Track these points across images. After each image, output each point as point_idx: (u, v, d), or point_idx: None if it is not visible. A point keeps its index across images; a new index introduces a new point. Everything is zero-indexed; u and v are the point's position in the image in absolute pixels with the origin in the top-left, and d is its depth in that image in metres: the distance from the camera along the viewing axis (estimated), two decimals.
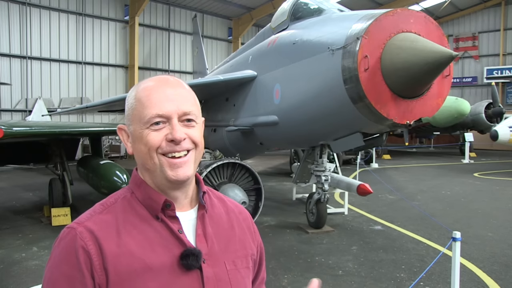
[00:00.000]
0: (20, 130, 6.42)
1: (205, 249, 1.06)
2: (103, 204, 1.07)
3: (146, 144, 1.02)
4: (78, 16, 19.00)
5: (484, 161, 18.88)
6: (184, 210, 1.10)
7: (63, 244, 0.99)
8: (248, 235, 1.21)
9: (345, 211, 8.10)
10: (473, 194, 10.37)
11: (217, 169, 6.56)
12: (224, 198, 1.26)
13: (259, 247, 1.25)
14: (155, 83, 1.07)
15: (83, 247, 0.96)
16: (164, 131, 1.02)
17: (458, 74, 27.77)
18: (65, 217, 7.20)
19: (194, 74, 18.46)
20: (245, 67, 7.55)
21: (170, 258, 1.00)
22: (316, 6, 6.19)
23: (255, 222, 3.54)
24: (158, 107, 1.02)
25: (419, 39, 4.11)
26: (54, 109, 16.80)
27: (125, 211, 1.05)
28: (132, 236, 1.00)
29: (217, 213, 1.17)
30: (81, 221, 1.02)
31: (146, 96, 1.04)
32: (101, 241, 0.97)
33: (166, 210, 1.05)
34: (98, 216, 1.03)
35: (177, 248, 1.02)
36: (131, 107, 1.06)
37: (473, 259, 5.40)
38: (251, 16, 24.09)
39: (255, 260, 1.21)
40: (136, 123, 1.04)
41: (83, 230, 0.98)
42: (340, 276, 4.85)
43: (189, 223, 1.08)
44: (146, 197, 1.06)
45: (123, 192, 1.11)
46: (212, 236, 1.10)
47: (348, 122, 5.06)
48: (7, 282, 4.65)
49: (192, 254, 1.00)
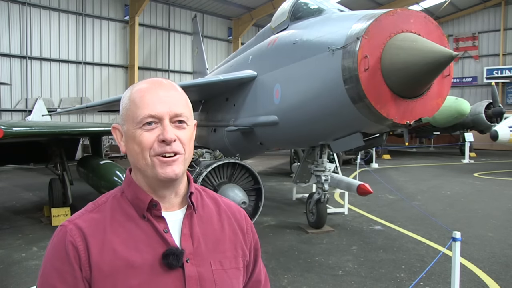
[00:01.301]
0: (20, 130, 6.42)
1: (190, 248, 1.07)
2: (94, 203, 1.12)
3: (139, 144, 1.05)
4: (78, 16, 19.01)
5: (484, 161, 18.88)
6: (173, 209, 1.12)
7: (55, 240, 1.05)
8: (240, 236, 1.21)
9: (345, 211, 8.10)
10: (473, 194, 10.37)
11: (217, 169, 6.55)
12: (219, 198, 1.27)
13: (253, 248, 1.25)
14: (148, 85, 1.11)
15: (72, 243, 1.01)
16: (156, 132, 1.05)
17: (458, 74, 27.77)
18: (65, 217, 7.18)
19: (194, 74, 18.45)
20: (245, 67, 7.54)
21: (153, 256, 1.03)
22: (316, 6, 6.19)
23: (255, 222, 3.56)
24: (151, 108, 1.05)
25: (419, 39, 4.11)
26: (54, 109, 16.80)
27: (114, 210, 1.09)
28: (117, 234, 1.04)
29: (207, 213, 1.18)
30: (72, 219, 1.08)
31: (140, 97, 1.07)
32: (88, 237, 1.02)
33: (153, 210, 1.08)
34: (89, 214, 1.09)
35: (161, 247, 1.04)
36: (125, 107, 1.10)
37: (473, 259, 5.40)
38: (251, 16, 24.10)
39: (247, 262, 1.21)
40: (129, 122, 1.08)
41: (73, 227, 1.04)
42: (340, 276, 4.84)
43: (175, 223, 1.10)
44: (134, 197, 1.10)
45: (114, 191, 1.16)
46: (199, 236, 1.11)
47: (348, 122, 5.06)
48: (7, 282, 4.66)
49: (173, 254, 1.03)
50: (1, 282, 4.64)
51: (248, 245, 1.23)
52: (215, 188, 6.38)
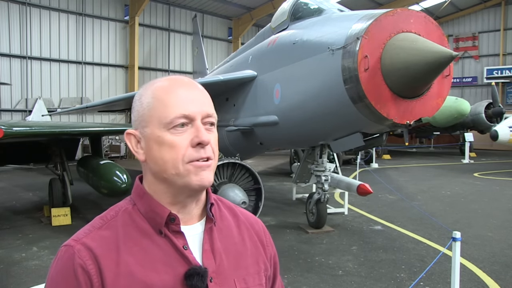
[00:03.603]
0: (20, 130, 6.42)
1: (213, 266, 0.97)
2: (102, 218, 0.99)
3: (170, 150, 0.92)
4: (78, 16, 19.00)
5: (484, 161, 18.88)
6: (190, 223, 1.01)
7: (61, 263, 0.92)
8: (261, 249, 1.11)
9: (345, 211, 8.10)
10: (473, 194, 10.37)
11: (217, 169, 6.55)
12: (235, 208, 1.16)
13: (272, 261, 1.16)
14: (172, 82, 0.98)
15: (82, 266, 0.89)
16: (187, 136, 0.93)
17: (458, 74, 27.76)
18: (65, 217, 7.21)
19: (194, 74, 18.45)
20: (245, 67, 7.55)
21: (173, 277, 0.92)
22: (316, 6, 6.19)
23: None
24: (183, 107, 0.93)
25: (419, 39, 4.11)
26: (54, 109, 16.80)
27: (126, 225, 0.96)
28: (132, 254, 0.92)
29: (226, 225, 1.07)
30: (79, 237, 0.94)
31: (167, 96, 0.94)
32: (100, 259, 0.90)
33: (170, 225, 0.96)
34: (97, 231, 0.95)
35: (182, 267, 0.93)
36: (147, 107, 0.95)
37: (473, 259, 5.40)
38: (251, 16, 24.09)
39: (269, 276, 1.12)
40: (154, 124, 0.94)
41: (82, 248, 0.91)
42: (340, 276, 4.84)
43: (195, 238, 0.99)
44: (148, 210, 0.97)
45: (124, 204, 1.02)
46: (221, 252, 1.01)
47: (348, 122, 5.06)
48: (7, 282, 4.65)
49: (197, 274, 0.92)
50: (1, 282, 4.63)
51: (269, 258, 1.13)
52: (215, 188, 6.38)
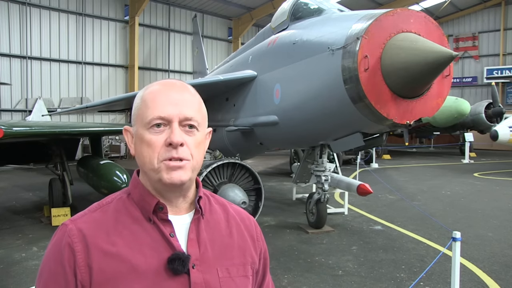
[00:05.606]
0: (20, 130, 6.42)
1: (196, 254, 1.04)
2: (99, 203, 1.09)
3: (147, 147, 1.02)
4: (78, 16, 19.01)
5: (484, 161, 18.88)
6: (180, 213, 1.09)
7: (54, 240, 1.03)
8: (249, 243, 1.17)
9: (345, 211, 8.10)
10: (473, 194, 10.37)
11: (217, 169, 6.55)
12: (228, 204, 1.23)
13: (262, 256, 1.21)
14: (161, 86, 1.08)
15: (70, 244, 0.98)
16: (164, 136, 1.01)
17: (458, 74, 27.78)
18: (65, 217, 7.20)
19: (194, 74, 18.46)
20: (245, 67, 7.54)
21: (158, 261, 1.00)
22: (316, 6, 6.19)
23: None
24: (160, 109, 1.02)
25: (419, 39, 4.11)
26: (54, 109, 16.81)
27: (119, 211, 1.06)
28: (122, 237, 1.01)
29: (215, 218, 1.15)
30: (74, 218, 1.04)
31: (151, 98, 1.04)
32: (89, 239, 0.99)
33: (159, 213, 1.05)
34: (91, 214, 1.05)
35: (166, 252, 1.01)
36: (136, 108, 1.07)
37: (473, 259, 5.40)
38: (251, 16, 24.10)
39: (256, 269, 1.17)
40: (138, 123, 1.05)
41: (73, 227, 1.01)
42: (340, 276, 4.84)
43: (182, 227, 1.07)
44: (140, 199, 1.07)
45: (120, 193, 1.12)
46: (206, 242, 1.08)
47: (348, 122, 5.06)
48: (7, 282, 4.66)
49: (179, 259, 0.99)
50: (1, 282, 4.64)
51: (258, 252, 1.19)
52: (215, 188, 6.38)
